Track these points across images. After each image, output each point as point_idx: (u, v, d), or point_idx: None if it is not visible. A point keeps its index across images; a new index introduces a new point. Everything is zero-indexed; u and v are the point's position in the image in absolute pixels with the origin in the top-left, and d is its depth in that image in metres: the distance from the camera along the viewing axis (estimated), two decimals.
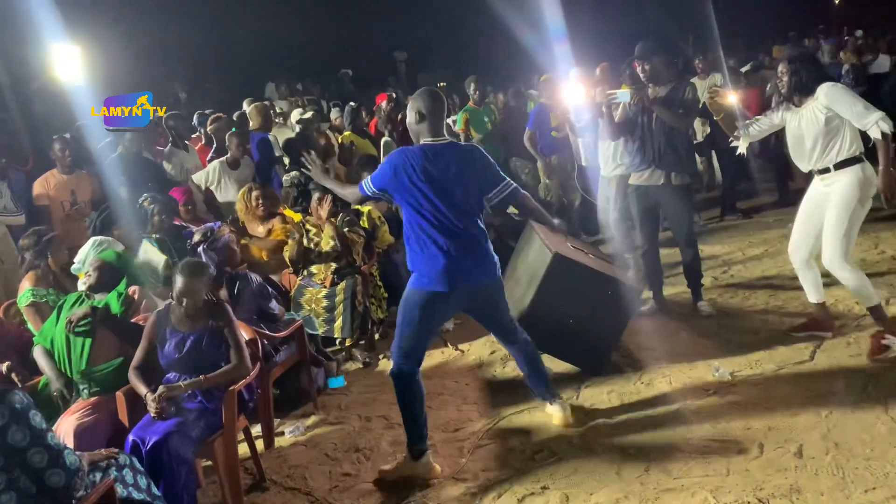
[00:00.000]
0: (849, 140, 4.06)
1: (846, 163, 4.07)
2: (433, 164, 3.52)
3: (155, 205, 5.34)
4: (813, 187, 4.34)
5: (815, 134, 4.09)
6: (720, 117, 4.52)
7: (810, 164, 4.21)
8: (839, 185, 4.09)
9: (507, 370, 4.69)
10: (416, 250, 3.57)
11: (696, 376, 4.23)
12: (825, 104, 4.03)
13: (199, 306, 3.46)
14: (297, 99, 10.33)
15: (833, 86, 4.09)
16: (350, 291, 5.04)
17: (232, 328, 3.49)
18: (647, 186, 5.10)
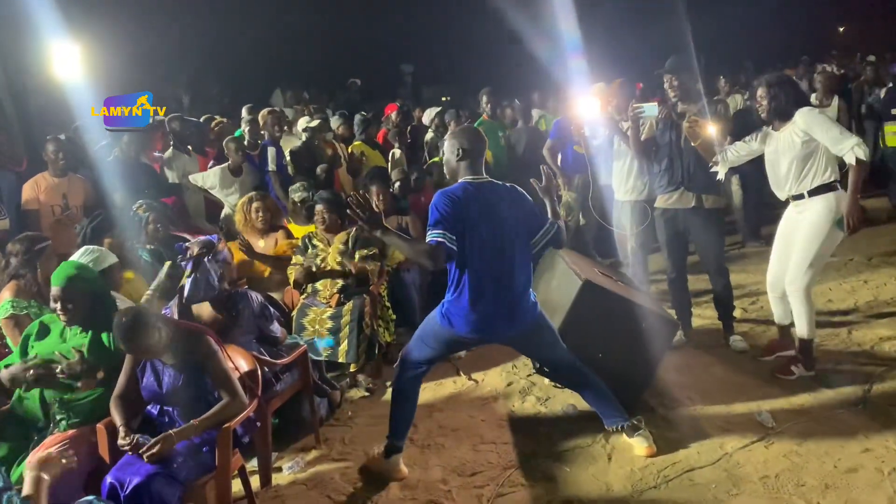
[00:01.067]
0: (824, 166, 4.04)
1: (820, 189, 4.05)
2: (482, 203, 3.33)
3: (150, 213, 5.00)
4: (786, 215, 4.31)
5: (791, 158, 4.06)
6: (698, 143, 4.38)
7: (785, 189, 4.17)
8: (811, 212, 4.08)
9: (525, 405, 4.31)
10: (454, 293, 3.40)
11: (735, 420, 3.85)
12: (802, 128, 4.01)
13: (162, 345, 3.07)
14: (303, 107, 10.00)
15: (810, 110, 4.07)
16: (357, 312, 4.67)
17: (215, 360, 3.09)
18: (676, 210, 4.78)
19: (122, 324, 2.99)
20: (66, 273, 3.40)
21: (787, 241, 4.28)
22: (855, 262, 6.57)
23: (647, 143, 4.85)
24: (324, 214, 4.97)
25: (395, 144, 8.08)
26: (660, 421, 3.91)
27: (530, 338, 3.54)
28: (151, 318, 3.09)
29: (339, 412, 4.43)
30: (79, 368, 3.22)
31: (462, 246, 3.29)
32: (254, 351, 3.68)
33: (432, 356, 3.58)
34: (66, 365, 3.21)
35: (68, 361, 3.22)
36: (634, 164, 5.52)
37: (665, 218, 4.86)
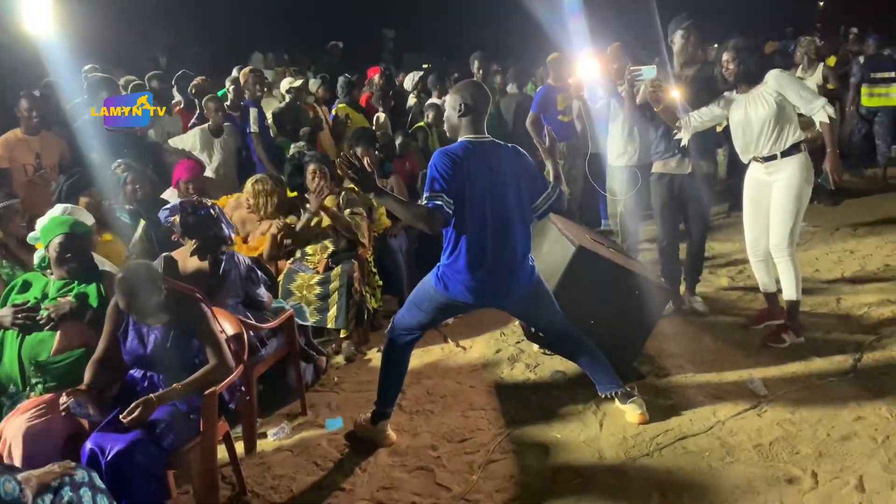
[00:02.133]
0: (794, 127, 4.11)
1: (792, 150, 4.10)
2: (483, 164, 3.22)
3: (128, 173, 4.84)
4: (753, 179, 4.31)
5: (765, 119, 4.07)
6: (660, 108, 4.34)
7: (757, 151, 4.18)
8: (787, 172, 4.11)
9: (514, 372, 4.25)
10: (450, 256, 3.28)
11: (727, 389, 3.82)
12: (775, 88, 4.05)
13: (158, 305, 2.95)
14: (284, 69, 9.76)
15: (782, 72, 4.15)
16: (346, 278, 4.55)
17: (204, 323, 2.98)
18: (673, 175, 4.77)
19: (127, 279, 2.89)
20: (67, 223, 3.33)
21: (760, 205, 4.29)
22: (841, 232, 6.57)
23: (643, 107, 4.79)
24: (315, 174, 4.82)
25: (379, 108, 7.92)
26: (651, 388, 3.86)
27: (527, 303, 3.47)
28: (157, 275, 3.00)
29: (325, 378, 4.35)
30: (67, 308, 3.13)
31: (461, 208, 3.19)
32: (239, 315, 3.57)
33: (426, 321, 3.49)
34: (54, 306, 3.12)
35: (56, 304, 3.14)
36: (626, 129, 5.45)
37: (661, 183, 4.83)
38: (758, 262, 4.47)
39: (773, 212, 4.19)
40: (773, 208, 4.18)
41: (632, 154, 5.53)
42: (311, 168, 4.84)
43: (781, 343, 4.25)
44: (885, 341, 4.20)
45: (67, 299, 3.19)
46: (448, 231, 3.30)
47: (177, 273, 3.62)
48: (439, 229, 3.22)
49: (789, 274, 4.24)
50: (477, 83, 3.50)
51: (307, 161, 4.94)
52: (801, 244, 6.36)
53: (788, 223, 4.16)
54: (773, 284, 4.48)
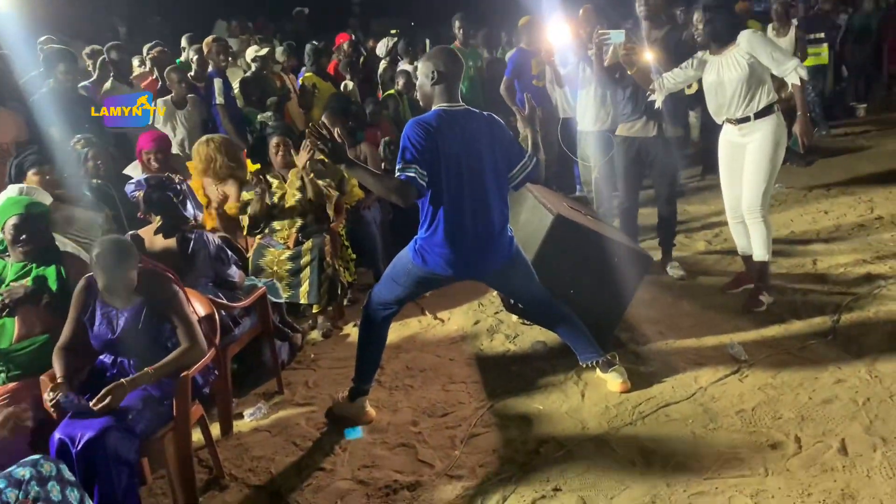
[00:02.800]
0: (766, 88, 4.08)
1: (765, 111, 4.08)
2: (458, 133, 3.13)
3: (89, 148, 4.65)
4: (727, 141, 4.29)
5: (738, 80, 4.03)
6: (634, 71, 4.27)
7: (730, 112, 4.15)
8: (760, 133, 4.09)
9: (494, 343, 4.20)
10: (428, 229, 3.19)
11: (708, 354, 3.81)
12: (747, 50, 4.00)
13: (130, 287, 2.84)
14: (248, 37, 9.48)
15: (754, 33, 4.10)
16: (317, 252, 4.45)
17: (177, 303, 2.87)
18: (636, 138, 4.76)
19: (106, 251, 2.78)
20: (22, 203, 3.20)
21: (735, 167, 4.27)
22: (815, 193, 6.58)
23: (611, 70, 4.72)
24: (280, 147, 4.68)
25: (347, 76, 7.73)
26: (632, 356, 3.84)
27: (506, 275, 3.40)
28: (132, 250, 2.89)
29: (301, 355, 4.27)
30: (22, 292, 3.00)
31: (437, 179, 3.10)
32: (210, 295, 3.45)
33: (403, 295, 3.41)
34: (7, 291, 2.99)
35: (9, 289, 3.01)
36: (599, 93, 5.39)
37: (626, 146, 4.83)
38: (736, 223, 4.45)
39: (746, 173, 4.17)
40: (747, 170, 4.16)
41: (605, 119, 5.47)
42: (275, 141, 4.69)
43: (760, 306, 4.24)
44: (862, 301, 4.21)
45: (23, 283, 3.06)
46: (424, 203, 3.21)
47: (144, 252, 3.49)
48: (413, 202, 3.13)
49: (761, 235, 4.23)
50: (449, 49, 3.38)
51: (270, 133, 4.78)
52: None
53: (762, 185, 4.14)
54: (748, 246, 4.46)
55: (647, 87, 4.38)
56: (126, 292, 2.85)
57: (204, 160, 4.78)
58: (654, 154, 4.77)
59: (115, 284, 2.81)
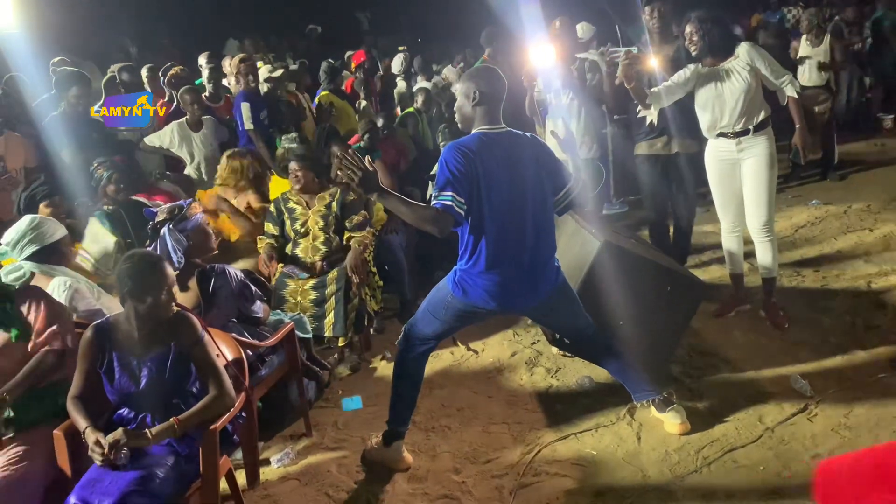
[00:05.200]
0: (762, 100, 4.03)
1: (763, 124, 4.02)
2: (500, 157, 2.90)
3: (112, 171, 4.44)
4: (719, 157, 4.16)
5: (740, 92, 3.94)
6: (632, 86, 4.04)
7: (728, 126, 4.03)
8: (759, 147, 4.01)
9: (535, 378, 3.93)
10: (469, 259, 2.96)
11: (769, 389, 3.53)
12: (747, 62, 3.94)
13: (159, 318, 2.59)
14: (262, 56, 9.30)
15: (753, 45, 4.05)
16: (343, 281, 4.20)
17: (203, 347, 2.61)
18: (659, 156, 4.63)
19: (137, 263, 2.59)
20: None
21: (731, 184, 4.16)
22: (855, 210, 6.28)
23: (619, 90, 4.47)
24: (298, 173, 4.45)
25: (361, 94, 7.52)
26: (686, 392, 3.57)
27: (552, 307, 3.14)
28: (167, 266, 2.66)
29: (328, 392, 4.00)
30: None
31: (478, 206, 2.87)
32: (233, 332, 3.21)
33: (442, 330, 3.16)
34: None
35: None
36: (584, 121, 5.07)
37: (650, 164, 4.69)
38: (733, 237, 4.31)
39: (753, 191, 4.06)
40: (753, 187, 4.05)
41: (591, 146, 5.13)
42: (292, 166, 4.46)
43: (786, 322, 4.15)
44: None
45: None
46: (464, 232, 2.97)
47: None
48: (449, 232, 2.89)
49: (774, 251, 4.15)
50: (492, 69, 3.14)
51: (289, 158, 4.55)
52: (815, 224, 6.12)
53: (772, 200, 4.07)
54: (743, 264, 4.41)
55: (642, 101, 4.17)
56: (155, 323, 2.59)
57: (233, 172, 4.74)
58: (675, 173, 4.66)
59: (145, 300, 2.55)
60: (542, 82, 4.94)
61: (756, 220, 4.10)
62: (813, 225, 6.10)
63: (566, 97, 4.92)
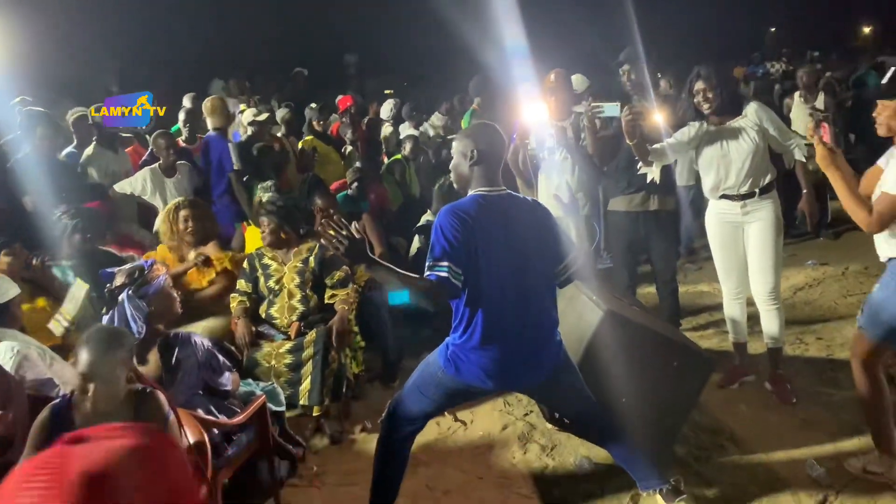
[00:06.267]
0: (768, 163, 3.88)
1: (769, 187, 3.87)
2: (499, 222, 2.68)
3: (79, 219, 4.15)
4: (723, 220, 3.98)
5: (748, 153, 3.79)
6: (634, 142, 3.84)
7: (732, 187, 3.86)
8: (765, 211, 3.85)
9: (528, 457, 3.62)
10: (464, 333, 2.68)
11: (782, 475, 3.25)
12: (756, 122, 3.80)
13: (118, 397, 2.29)
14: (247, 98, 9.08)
15: (761, 104, 3.90)
16: (322, 344, 3.90)
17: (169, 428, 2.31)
18: (637, 213, 4.50)
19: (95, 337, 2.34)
20: None
21: (735, 248, 3.98)
22: (853, 272, 6.09)
23: (604, 144, 4.47)
24: (266, 228, 4.17)
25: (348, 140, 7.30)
26: (693, 477, 3.27)
27: (555, 387, 2.88)
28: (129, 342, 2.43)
29: (302, 469, 3.64)
30: None
31: (475, 276, 2.61)
32: (199, 407, 2.89)
33: (431, 409, 2.88)
34: None
35: None
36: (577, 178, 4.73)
37: (624, 222, 4.56)
38: (737, 303, 4.12)
39: (758, 257, 3.89)
40: (759, 253, 3.89)
41: (584, 203, 4.91)
42: (265, 221, 4.18)
43: (793, 398, 3.90)
44: None
45: None
46: (458, 303, 2.70)
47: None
48: (445, 305, 2.63)
49: (781, 319, 3.97)
50: (491, 126, 2.90)
51: (262, 213, 4.26)
52: (813, 286, 5.92)
53: (779, 266, 3.91)
54: (746, 332, 4.20)
55: (643, 158, 3.99)
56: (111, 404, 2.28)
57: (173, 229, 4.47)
58: (654, 231, 4.55)
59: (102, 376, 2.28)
60: (535, 139, 4.74)
61: (762, 287, 3.92)
62: (811, 287, 5.90)
63: (560, 155, 4.70)
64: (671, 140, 3.95)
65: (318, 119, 7.34)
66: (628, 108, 3.83)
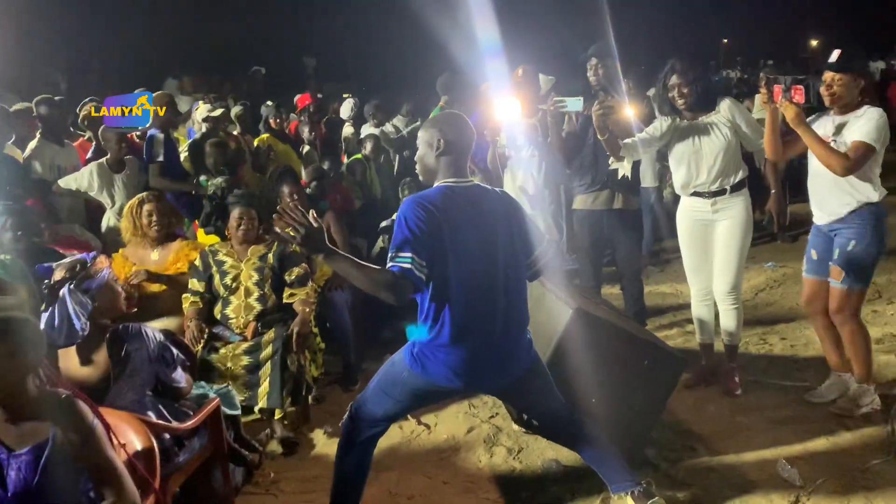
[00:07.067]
0: (739, 160, 3.85)
1: (740, 185, 3.83)
2: (468, 214, 2.57)
3: (7, 217, 3.92)
4: (693, 218, 3.93)
5: (720, 149, 3.74)
6: (605, 137, 3.80)
7: (704, 184, 3.81)
8: (736, 209, 3.81)
9: (495, 460, 3.50)
10: (431, 330, 2.57)
11: (753, 476, 3.18)
12: (728, 118, 3.75)
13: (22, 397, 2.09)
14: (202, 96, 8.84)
15: (734, 101, 3.86)
16: (280, 344, 3.73)
17: (94, 444, 2.09)
18: (601, 211, 4.39)
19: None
20: None
21: (704, 246, 3.94)
22: None
23: (568, 140, 4.36)
24: (241, 220, 4.00)
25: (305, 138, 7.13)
26: (664, 479, 3.18)
27: (523, 387, 2.76)
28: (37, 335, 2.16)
29: (258, 475, 3.47)
30: None
31: (442, 270, 2.50)
32: (148, 410, 2.71)
33: (396, 411, 2.75)
34: None
35: None
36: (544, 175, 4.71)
37: (589, 221, 4.46)
38: (705, 305, 4.07)
39: (723, 255, 3.86)
40: (724, 251, 3.86)
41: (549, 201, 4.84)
42: (237, 212, 4.01)
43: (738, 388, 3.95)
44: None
45: None
46: (424, 298, 2.58)
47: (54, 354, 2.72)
48: (407, 298, 2.50)
49: (739, 317, 3.97)
50: (458, 115, 2.79)
51: (233, 203, 4.10)
52: (774, 287, 5.95)
53: (741, 265, 3.91)
54: (714, 333, 4.14)
55: (615, 153, 3.93)
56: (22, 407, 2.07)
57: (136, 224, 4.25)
58: (616, 228, 4.45)
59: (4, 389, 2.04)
60: (506, 136, 4.64)
61: (724, 285, 3.89)
62: (772, 288, 5.93)
63: (527, 152, 4.62)
64: (642, 135, 3.89)
65: (274, 117, 7.17)
66: (599, 102, 3.76)
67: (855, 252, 3.42)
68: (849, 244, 3.43)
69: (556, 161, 4.52)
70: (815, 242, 3.68)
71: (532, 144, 4.50)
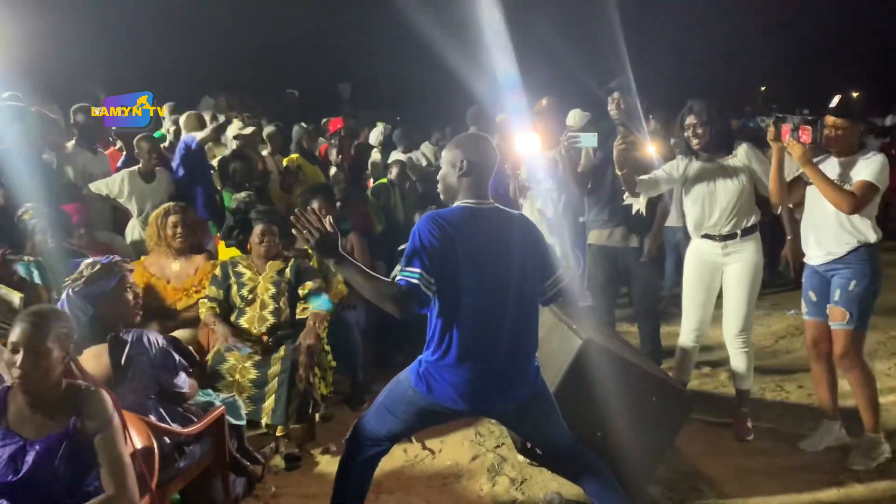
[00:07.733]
0: (753, 204, 3.83)
1: (752, 229, 3.81)
2: (484, 235, 2.58)
3: (38, 219, 4.00)
4: (701, 259, 3.91)
5: (734, 193, 3.74)
6: (624, 172, 3.83)
7: (715, 227, 3.80)
8: (747, 253, 3.79)
9: (497, 489, 3.46)
10: (437, 350, 2.57)
11: None
12: (745, 162, 3.75)
13: (50, 379, 2.13)
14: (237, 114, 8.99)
15: (751, 146, 3.85)
16: (290, 362, 3.75)
17: (109, 435, 2.15)
18: (616, 248, 4.38)
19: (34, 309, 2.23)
20: None
21: (709, 287, 3.92)
22: None
23: (584, 176, 4.37)
24: (264, 237, 4.06)
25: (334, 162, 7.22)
26: None
27: (528, 414, 2.75)
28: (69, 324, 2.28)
29: (259, 488, 3.46)
30: None
31: (452, 289, 2.51)
32: (150, 413, 2.72)
33: (399, 430, 2.74)
34: None
35: None
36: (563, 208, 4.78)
37: (602, 256, 4.42)
38: (694, 347, 4.04)
39: (733, 299, 3.84)
40: (734, 295, 3.83)
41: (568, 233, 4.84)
42: (261, 228, 4.08)
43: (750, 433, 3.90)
44: None
45: None
46: (434, 317, 2.59)
47: None
48: (411, 313, 2.52)
49: (750, 362, 3.93)
50: (483, 136, 2.84)
51: (256, 218, 4.16)
52: (795, 335, 5.84)
53: (752, 310, 3.88)
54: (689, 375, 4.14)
55: (631, 189, 3.94)
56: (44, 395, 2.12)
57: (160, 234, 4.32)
58: (635, 268, 4.42)
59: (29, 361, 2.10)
60: (526, 170, 4.68)
61: (734, 328, 3.87)
62: (793, 336, 5.82)
63: (548, 185, 4.66)
64: (659, 172, 3.90)
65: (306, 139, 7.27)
66: (621, 137, 3.78)
67: (856, 292, 3.42)
68: (849, 284, 3.43)
69: (574, 195, 4.54)
70: (811, 283, 3.66)
71: (551, 178, 4.52)
